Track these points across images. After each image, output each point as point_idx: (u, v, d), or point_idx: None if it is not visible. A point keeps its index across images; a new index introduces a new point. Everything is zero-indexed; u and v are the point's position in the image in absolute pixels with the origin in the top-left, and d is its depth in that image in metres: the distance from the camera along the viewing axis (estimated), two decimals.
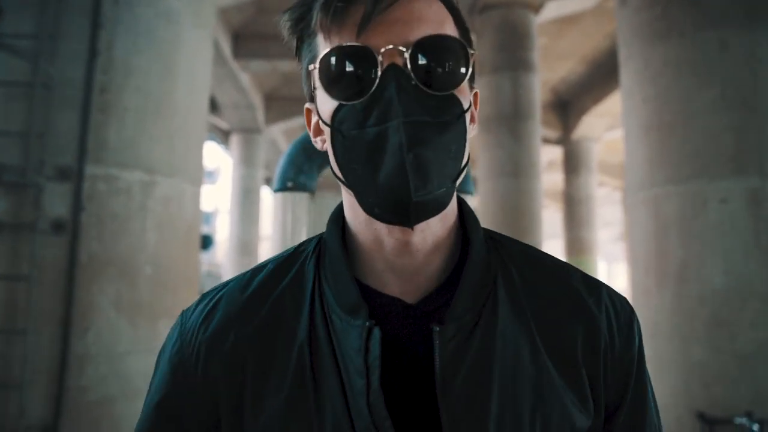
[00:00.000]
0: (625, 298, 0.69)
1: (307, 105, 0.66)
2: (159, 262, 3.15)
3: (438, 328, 0.57)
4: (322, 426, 0.58)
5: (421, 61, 0.55)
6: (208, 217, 35.31)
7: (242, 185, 15.83)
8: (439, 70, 0.56)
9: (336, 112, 0.58)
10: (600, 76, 12.86)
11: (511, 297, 0.63)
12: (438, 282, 0.62)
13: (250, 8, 11.39)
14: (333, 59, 0.56)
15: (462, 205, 0.67)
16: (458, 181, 0.59)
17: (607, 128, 15.29)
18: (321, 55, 0.58)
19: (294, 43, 0.64)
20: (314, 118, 0.65)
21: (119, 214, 3.01)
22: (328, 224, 0.67)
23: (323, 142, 0.65)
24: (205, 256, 27.14)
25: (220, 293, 0.67)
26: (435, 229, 0.61)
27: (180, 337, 0.66)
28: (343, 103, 0.57)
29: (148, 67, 3.16)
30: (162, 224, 3.17)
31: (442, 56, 0.56)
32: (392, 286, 0.62)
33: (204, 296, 0.69)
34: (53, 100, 2.92)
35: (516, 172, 7.87)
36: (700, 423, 2.88)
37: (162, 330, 3.15)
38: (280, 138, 17.90)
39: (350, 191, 0.60)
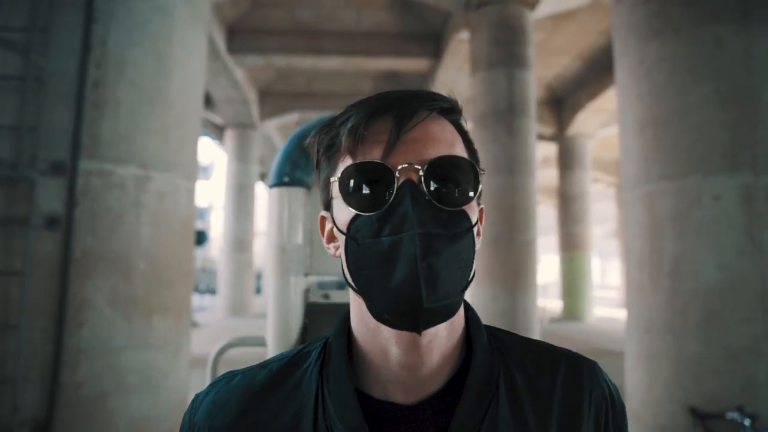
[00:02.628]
0: (618, 392, 0.75)
1: (322, 213, 0.70)
2: (153, 258, 3.14)
3: None
4: None
5: (435, 178, 0.60)
6: (202, 213, 35.22)
7: (237, 181, 15.80)
8: (450, 187, 0.61)
9: (352, 222, 0.61)
10: (595, 73, 12.89)
11: (512, 402, 0.65)
12: (440, 384, 0.65)
13: (244, 3, 11.35)
14: (354, 173, 0.61)
15: (468, 311, 0.70)
16: (466, 291, 0.62)
17: (602, 125, 15.33)
18: (343, 168, 0.62)
19: (316, 156, 0.69)
20: (328, 226, 0.68)
21: (113, 209, 3.00)
22: (334, 333, 0.69)
23: (336, 249, 0.67)
24: (199, 252, 27.08)
25: (229, 387, 0.70)
26: (442, 338, 0.63)
27: (190, 425, 0.70)
28: (360, 213, 0.60)
29: (142, 61, 3.14)
30: (156, 219, 3.16)
31: (454, 175, 0.61)
32: (395, 393, 0.64)
33: (214, 385, 0.72)
34: (46, 94, 2.90)
35: (511, 168, 7.88)
36: (692, 417, 2.90)
37: (157, 325, 3.15)
38: (274, 133, 17.86)
39: (360, 297, 0.62)
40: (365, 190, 0.60)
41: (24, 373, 2.75)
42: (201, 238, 17.44)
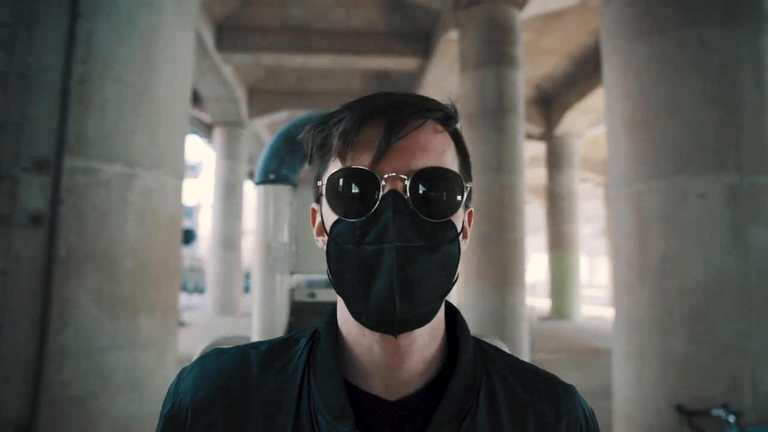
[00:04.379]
0: (593, 413, 0.76)
1: (313, 205, 0.72)
2: (140, 256, 3.11)
3: None
4: None
5: (420, 189, 0.60)
6: (190, 211, 35.01)
7: (225, 179, 15.72)
8: (435, 198, 0.61)
9: (335, 225, 0.62)
10: (583, 73, 12.96)
11: (491, 412, 0.67)
12: (421, 385, 0.66)
13: (233, 1, 11.28)
14: (341, 178, 0.62)
15: (456, 315, 0.72)
16: (444, 297, 0.64)
17: (590, 124, 15.43)
18: (330, 172, 0.63)
19: (309, 154, 0.70)
20: (318, 219, 0.69)
21: (99, 207, 2.96)
22: (324, 324, 0.70)
23: (324, 244, 0.68)
24: (187, 251, 26.91)
25: (216, 362, 0.71)
26: (423, 339, 0.65)
27: (174, 398, 0.70)
28: (343, 219, 0.62)
29: (128, 58, 3.11)
30: (143, 217, 3.13)
31: (439, 186, 0.62)
32: (376, 387, 0.65)
33: (201, 359, 0.72)
34: (30, 90, 2.86)
35: (499, 166, 7.90)
36: (678, 414, 2.92)
37: (143, 325, 3.12)
38: (263, 131, 17.78)
39: (341, 299, 0.65)
40: (350, 196, 0.61)
41: (7, 373, 2.72)
42: (189, 236, 17.32)
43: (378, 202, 0.60)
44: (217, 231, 15.64)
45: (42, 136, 2.87)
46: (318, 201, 0.69)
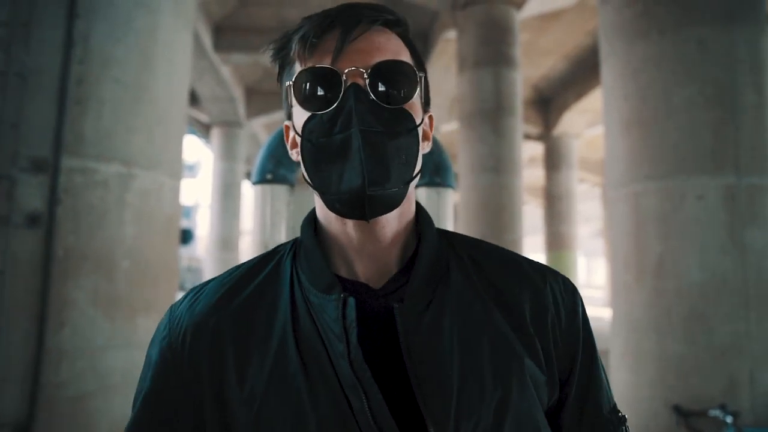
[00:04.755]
0: (567, 278, 0.80)
1: (286, 122, 0.77)
2: (137, 257, 3.10)
3: (397, 305, 0.67)
4: (313, 388, 0.65)
5: (377, 80, 0.66)
6: (188, 212, 34.97)
7: (223, 179, 15.69)
8: (392, 88, 0.67)
9: (306, 123, 0.68)
10: (581, 73, 12.97)
11: (463, 275, 0.73)
12: (397, 269, 0.72)
13: (231, 1, 11.27)
14: (306, 78, 0.68)
15: (420, 210, 0.78)
16: (411, 185, 0.70)
17: (588, 125, 15.44)
18: (296, 74, 0.69)
19: (276, 69, 0.76)
20: (291, 133, 0.76)
21: (96, 208, 2.96)
22: (302, 225, 0.77)
23: (298, 154, 0.73)
24: (185, 251, 26.88)
25: (205, 287, 0.77)
26: (393, 224, 0.71)
27: (169, 325, 0.74)
28: (313, 113, 0.67)
29: (125, 58, 3.10)
30: (140, 218, 3.13)
31: (395, 77, 0.68)
32: (359, 274, 0.72)
33: (190, 290, 0.78)
34: (27, 90, 2.85)
35: (497, 167, 7.90)
36: (676, 415, 2.92)
37: (140, 325, 3.11)
38: (261, 132, 17.76)
39: (317, 193, 0.70)
40: (316, 93, 0.67)
41: (4, 373, 2.71)
42: (187, 236, 17.31)
43: (342, 95, 0.65)
44: (214, 231, 15.61)
45: (39, 137, 2.86)
46: (289, 116, 0.74)
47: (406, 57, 0.71)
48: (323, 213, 0.73)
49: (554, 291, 0.76)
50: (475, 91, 8.13)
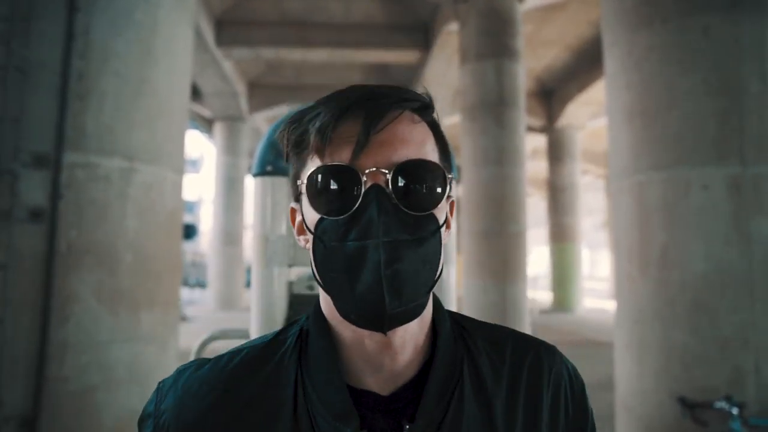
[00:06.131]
0: (577, 372, 0.76)
1: (293, 205, 0.70)
2: (140, 251, 3.10)
3: (408, 426, 0.61)
4: None
5: (401, 183, 0.59)
6: (192, 206, 35.02)
7: (226, 174, 15.71)
8: (418, 191, 0.60)
9: (320, 222, 0.61)
10: (584, 65, 12.90)
11: (476, 386, 0.67)
12: (412, 374, 0.66)
13: None
14: (321, 176, 0.60)
15: (432, 299, 0.70)
16: (432, 289, 0.63)
17: (591, 116, 15.38)
18: (309, 171, 0.62)
19: (285, 150, 0.68)
20: (299, 218, 0.68)
21: (98, 202, 2.96)
22: (311, 320, 0.69)
23: (306, 242, 0.67)
24: (189, 246, 26.94)
25: (198, 376, 0.68)
26: (413, 330, 0.64)
27: (155, 418, 0.66)
28: (325, 217, 0.60)
29: (126, 52, 3.09)
30: (142, 212, 3.12)
31: (421, 179, 0.61)
32: (369, 383, 0.65)
33: (180, 373, 0.69)
34: (28, 85, 2.85)
35: (500, 159, 7.88)
36: (681, 407, 2.92)
37: (144, 319, 3.12)
38: (263, 126, 17.76)
39: (329, 296, 0.63)
40: (332, 193, 0.60)
41: (9, 367, 2.72)
42: (190, 231, 17.35)
43: (361, 198, 0.59)
44: (218, 226, 15.64)
45: (41, 131, 2.86)
46: (297, 200, 0.67)
47: (431, 147, 0.64)
48: (331, 313, 0.65)
49: (566, 387, 0.72)
50: (478, 83, 8.10)
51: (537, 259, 29.93)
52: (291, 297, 1.60)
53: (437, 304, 0.71)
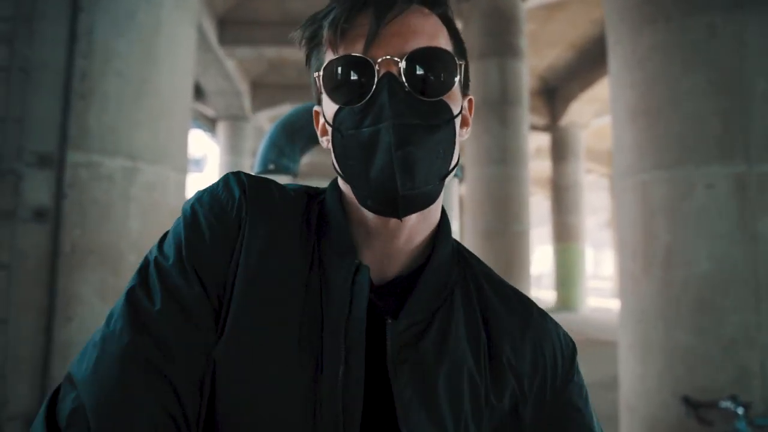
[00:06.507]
0: (571, 338, 0.77)
1: (315, 107, 0.73)
2: (143, 250, 3.11)
3: (390, 322, 0.63)
4: (302, 337, 0.62)
5: (413, 69, 0.61)
6: None
7: None
8: (430, 78, 0.62)
9: (337, 114, 0.63)
10: (588, 63, 12.87)
11: (466, 307, 0.70)
12: (403, 272, 0.69)
13: None
14: (336, 68, 0.63)
15: (443, 217, 0.73)
16: (447, 180, 0.65)
17: (595, 115, 15.34)
18: (325, 63, 0.64)
19: (304, 54, 0.71)
20: (321, 120, 0.71)
21: (102, 202, 2.96)
22: (328, 189, 0.73)
23: (328, 142, 0.69)
24: None
25: (268, 179, 0.72)
26: (415, 225, 0.67)
27: (225, 186, 0.69)
28: (342, 106, 0.63)
29: (129, 51, 3.10)
30: (146, 211, 3.13)
31: (433, 66, 0.62)
32: (364, 261, 0.67)
33: (246, 175, 0.71)
34: (31, 85, 2.85)
35: (503, 158, 7.87)
36: (685, 407, 2.90)
37: None
38: (266, 125, 17.76)
39: (347, 184, 0.66)
40: (347, 83, 0.62)
41: (14, 366, 2.73)
42: None
43: (375, 86, 0.60)
44: None
45: (44, 131, 2.86)
46: (319, 102, 0.70)
47: (444, 40, 0.66)
48: (349, 194, 0.69)
49: (556, 347, 0.73)
50: (481, 82, 8.08)
51: (540, 258, 29.91)
52: None
53: (446, 226, 0.73)
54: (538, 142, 16.91)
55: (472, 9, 8.42)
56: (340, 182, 0.70)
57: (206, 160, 36.83)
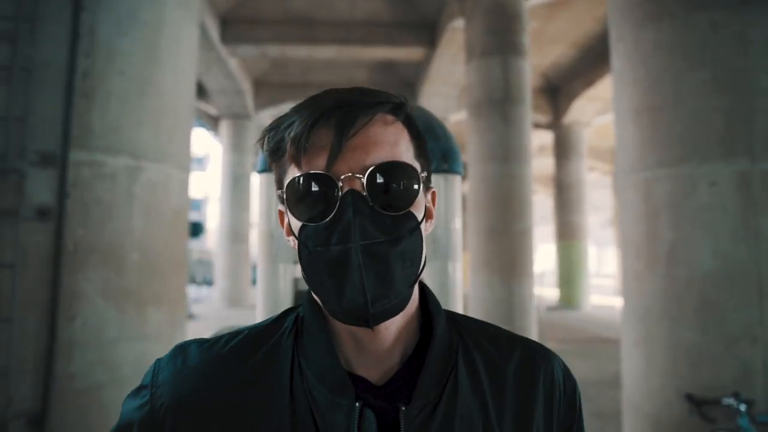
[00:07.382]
0: (573, 378, 0.78)
1: (280, 207, 0.71)
2: (146, 249, 3.11)
3: (404, 408, 0.63)
4: None
5: (375, 185, 0.61)
6: (198, 205, 35.14)
7: (232, 172, 15.74)
8: (392, 192, 0.62)
9: (302, 229, 0.64)
10: (590, 61, 12.84)
11: (471, 376, 0.69)
12: (401, 364, 0.68)
13: None
14: (299, 185, 0.63)
15: (424, 289, 0.73)
16: (415, 285, 0.66)
17: (598, 113, 15.30)
18: (288, 179, 0.64)
19: (268, 163, 0.71)
20: (286, 220, 0.69)
21: (105, 200, 2.97)
22: (305, 305, 0.71)
23: (294, 244, 0.68)
24: (195, 244, 27.03)
25: (195, 352, 0.70)
26: (398, 322, 0.66)
27: (151, 391, 0.68)
28: (306, 223, 0.63)
29: (131, 50, 3.10)
30: (148, 210, 3.13)
31: (395, 179, 0.62)
32: (360, 369, 0.67)
33: (178, 349, 0.71)
34: (34, 84, 2.86)
35: (506, 156, 7.86)
36: (688, 404, 2.90)
37: (150, 317, 3.13)
38: (269, 123, 17.75)
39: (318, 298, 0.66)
40: (311, 201, 0.62)
41: (17, 365, 2.73)
42: (197, 229, 17.38)
43: (338, 203, 0.61)
44: (224, 224, 15.68)
45: (47, 130, 2.87)
46: (283, 203, 0.69)
47: (405, 147, 0.66)
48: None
49: (560, 385, 0.74)
50: (484, 80, 8.07)
51: (544, 256, 29.86)
52: (296, 293, 1.60)
53: (432, 299, 0.73)
54: (541, 140, 16.88)
55: (474, 7, 8.40)
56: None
57: (209, 159, 36.88)
